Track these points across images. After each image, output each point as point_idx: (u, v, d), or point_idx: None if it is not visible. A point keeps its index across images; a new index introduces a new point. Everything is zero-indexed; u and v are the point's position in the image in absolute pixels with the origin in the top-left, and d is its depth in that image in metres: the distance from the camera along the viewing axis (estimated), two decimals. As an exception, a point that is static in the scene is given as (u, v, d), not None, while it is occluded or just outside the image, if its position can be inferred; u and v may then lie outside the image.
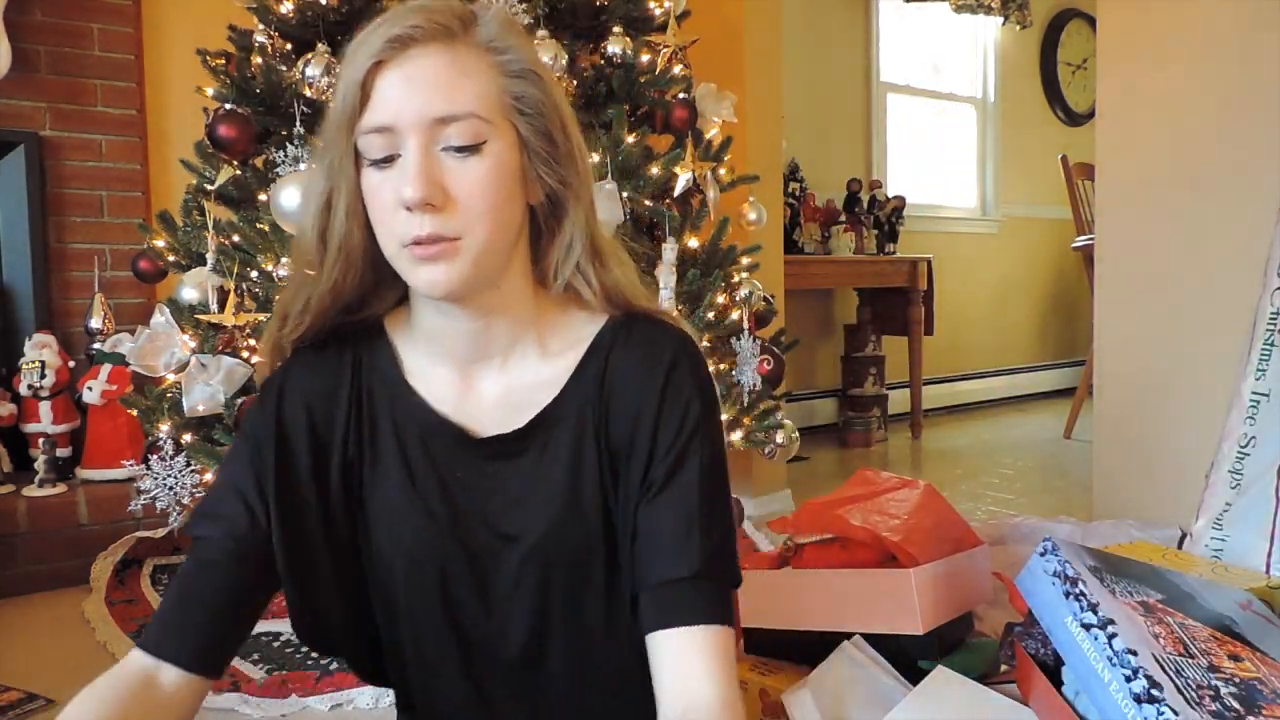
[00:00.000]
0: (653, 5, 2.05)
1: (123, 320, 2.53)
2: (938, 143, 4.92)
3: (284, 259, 1.70)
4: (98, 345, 2.42)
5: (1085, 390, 3.73)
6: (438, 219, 0.72)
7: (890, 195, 4.29)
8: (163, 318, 1.75)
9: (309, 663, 1.73)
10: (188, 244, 1.89)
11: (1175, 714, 0.82)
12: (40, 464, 2.28)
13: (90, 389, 2.33)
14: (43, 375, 2.33)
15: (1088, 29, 5.26)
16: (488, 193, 0.73)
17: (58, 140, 2.51)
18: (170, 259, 1.93)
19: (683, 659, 0.74)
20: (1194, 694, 0.86)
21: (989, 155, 5.06)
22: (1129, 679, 0.86)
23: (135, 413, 1.89)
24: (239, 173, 1.87)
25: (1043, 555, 1.01)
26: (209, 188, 1.88)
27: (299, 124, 1.74)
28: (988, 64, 5.06)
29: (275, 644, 1.82)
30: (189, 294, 1.81)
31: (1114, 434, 2.28)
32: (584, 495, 0.80)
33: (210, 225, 1.80)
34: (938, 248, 4.45)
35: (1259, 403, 1.50)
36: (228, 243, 1.79)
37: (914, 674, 1.14)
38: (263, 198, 1.80)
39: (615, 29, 1.98)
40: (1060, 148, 4.29)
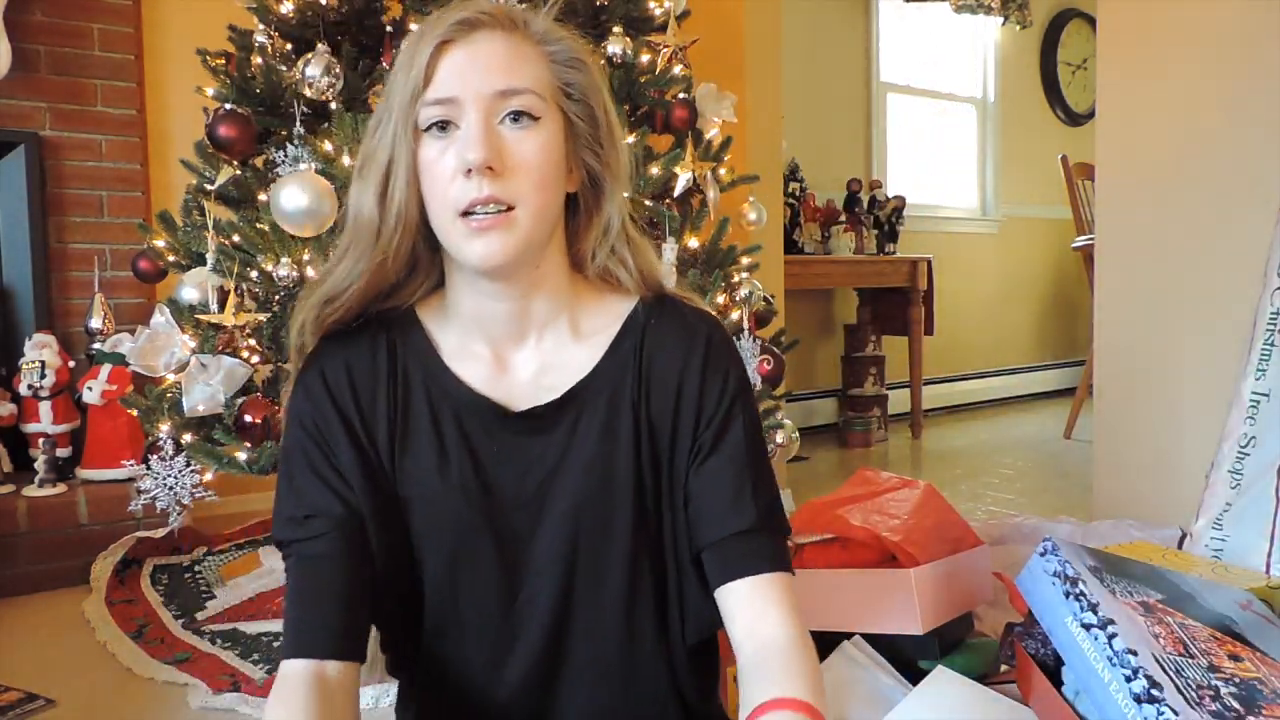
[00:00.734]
0: (653, 5, 2.05)
1: (123, 320, 2.53)
2: (938, 143, 4.92)
3: (284, 259, 1.70)
4: (98, 345, 2.42)
5: (1085, 390, 3.73)
6: (495, 184, 0.76)
7: (890, 195, 4.29)
8: (163, 318, 1.75)
9: (309, 663, 1.73)
10: (188, 244, 1.88)
11: (1175, 714, 0.82)
12: (40, 464, 2.28)
13: (90, 389, 2.32)
14: (43, 375, 2.33)
15: (1088, 29, 5.26)
16: (542, 164, 0.79)
17: (58, 140, 2.51)
18: (170, 259, 1.93)
19: (752, 605, 0.80)
20: (1194, 694, 0.86)
21: (989, 155, 5.06)
22: (1129, 679, 0.86)
23: (135, 413, 1.89)
24: (239, 173, 1.87)
25: (1043, 555, 1.01)
26: (209, 188, 1.88)
27: (299, 124, 1.73)
28: (988, 64, 5.06)
29: (275, 644, 1.82)
30: (189, 294, 1.80)
31: (1114, 434, 2.28)
32: (617, 466, 0.84)
33: (210, 225, 1.79)
34: (938, 248, 4.45)
35: (1259, 403, 1.51)
36: (228, 243, 1.79)
37: (914, 674, 1.14)
38: (263, 198, 1.80)
39: (615, 29, 1.98)
40: (1060, 148, 4.29)
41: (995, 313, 5.09)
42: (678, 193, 1.98)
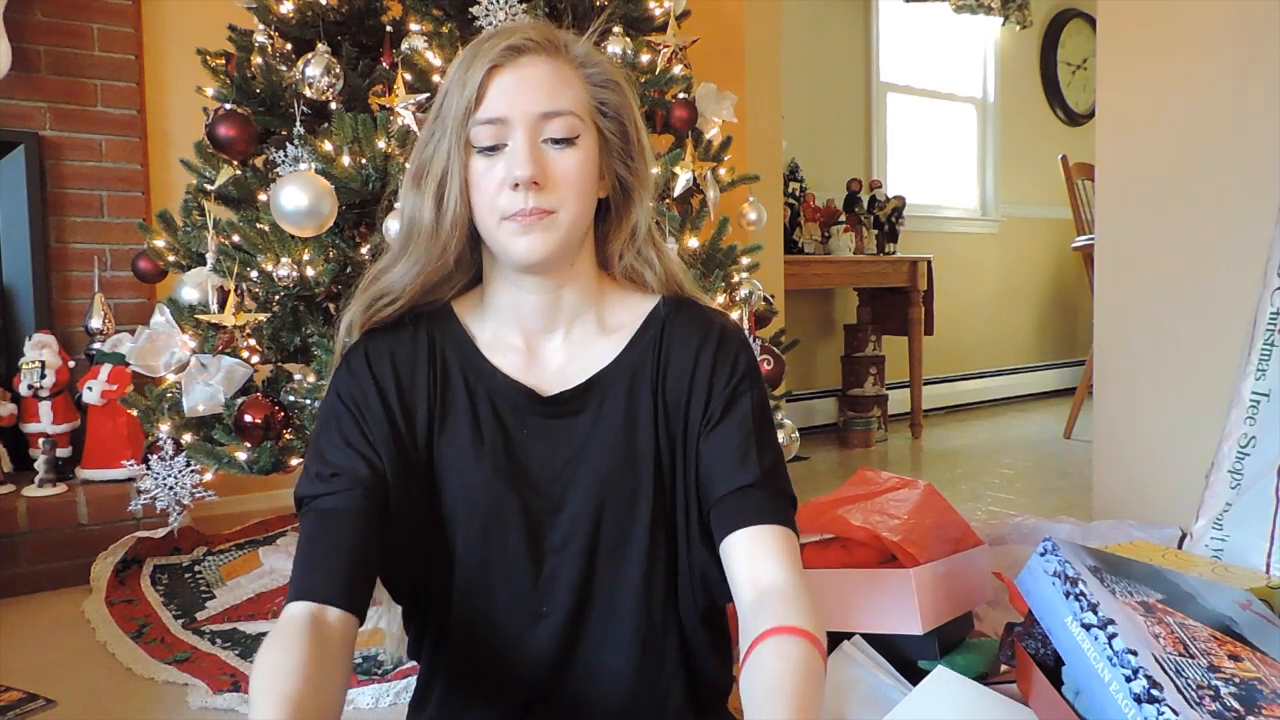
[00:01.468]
0: (653, 5, 2.05)
1: (123, 320, 2.53)
2: (938, 143, 4.92)
3: (284, 259, 1.70)
4: (98, 345, 2.42)
5: (1085, 390, 3.73)
6: (539, 196, 0.86)
7: (890, 195, 4.29)
8: (163, 318, 1.75)
9: (309, 663, 1.73)
10: (188, 244, 1.89)
11: (1175, 714, 0.82)
12: (40, 464, 2.28)
13: (90, 389, 2.32)
14: (43, 375, 2.33)
15: (1088, 29, 5.26)
16: (580, 178, 0.88)
17: (58, 140, 2.51)
18: (170, 259, 1.93)
19: (753, 554, 0.85)
20: (1194, 694, 0.86)
21: (989, 155, 5.06)
22: (1129, 679, 0.86)
23: (135, 413, 1.89)
24: (239, 173, 1.87)
25: (1043, 555, 1.01)
26: (209, 188, 1.88)
27: (299, 124, 1.73)
28: (987, 64, 5.06)
29: (275, 644, 1.82)
30: (189, 294, 1.80)
31: (1114, 434, 2.28)
32: (638, 445, 0.92)
33: (210, 225, 1.80)
34: (938, 248, 4.45)
35: (1259, 403, 1.51)
36: (228, 243, 1.79)
37: (914, 674, 1.14)
38: (263, 198, 1.80)
39: (615, 29, 1.98)
40: (1060, 148, 4.29)
41: (995, 313, 5.09)
42: (678, 192, 1.98)
